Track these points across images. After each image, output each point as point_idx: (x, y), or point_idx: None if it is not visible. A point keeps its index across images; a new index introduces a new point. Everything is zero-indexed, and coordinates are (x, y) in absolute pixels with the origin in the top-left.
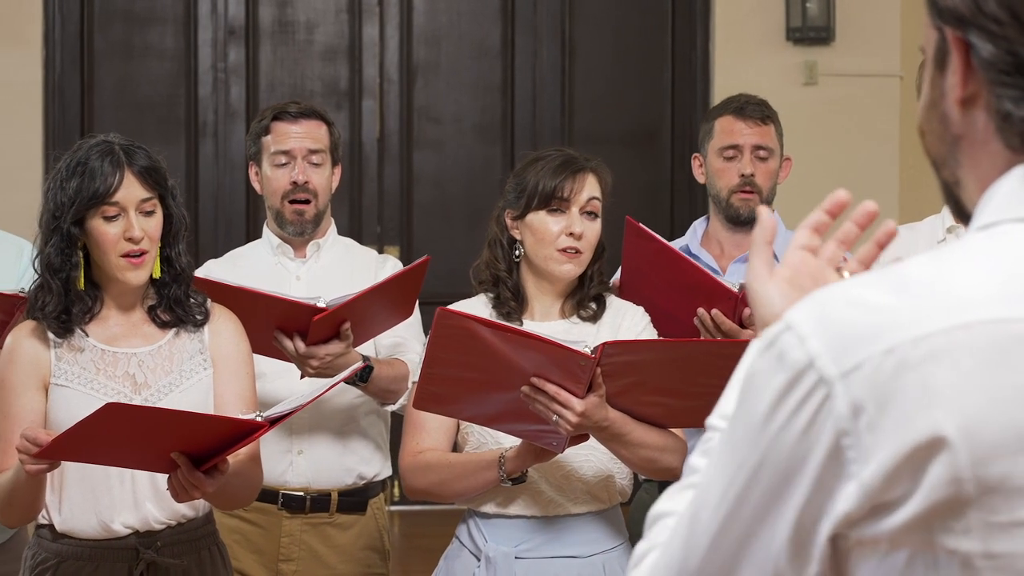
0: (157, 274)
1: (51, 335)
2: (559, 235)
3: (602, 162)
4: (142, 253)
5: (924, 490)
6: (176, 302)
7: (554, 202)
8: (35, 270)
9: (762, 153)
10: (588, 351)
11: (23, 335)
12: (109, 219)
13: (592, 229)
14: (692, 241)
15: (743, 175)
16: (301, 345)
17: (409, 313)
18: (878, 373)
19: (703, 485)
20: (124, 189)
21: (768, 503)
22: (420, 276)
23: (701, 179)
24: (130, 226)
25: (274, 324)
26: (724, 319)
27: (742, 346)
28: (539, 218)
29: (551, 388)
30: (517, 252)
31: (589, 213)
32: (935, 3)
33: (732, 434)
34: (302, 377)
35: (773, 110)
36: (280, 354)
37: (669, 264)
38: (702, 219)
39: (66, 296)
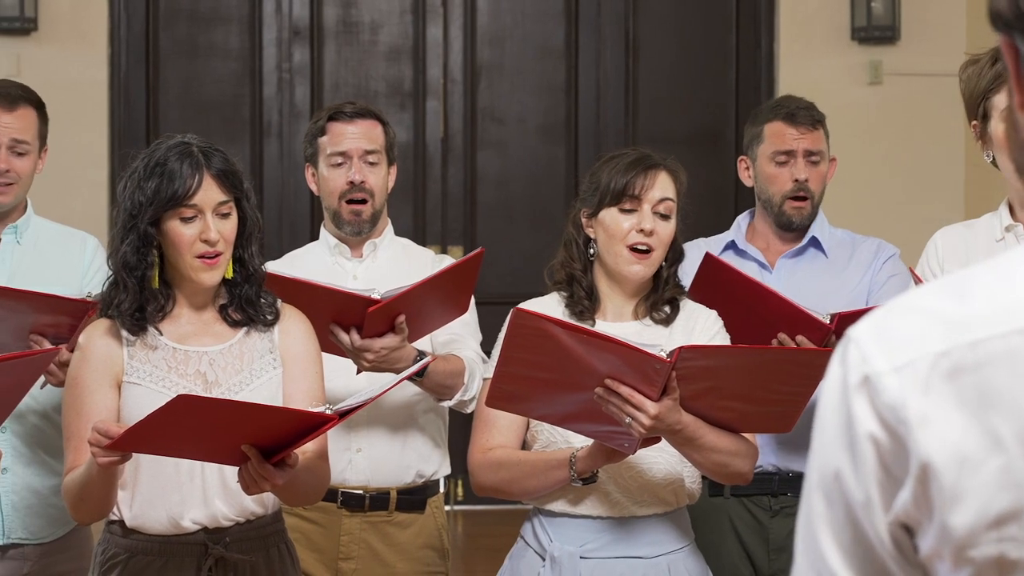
0: (230, 275)
1: (124, 333)
2: (629, 232)
3: (677, 162)
4: (217, 255)
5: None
6: (248, 302)
7: (625, 199)
8: (109, 268)
9: (814, 158)
10: (663, 355)
11: (96, 333)
12: (186, 220)
13: (664, 228)
14: (737, 236)
15: (797, 180)
16: (356, 338)
17: (464, 309)
18: (932, 373)
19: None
20: (202, 192)
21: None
22: (475, 269)
23: (748, 182)
24: (207, 228)
25: (330, 317)
26: (809, 344)
27: (821, 355)
28: (610, 215)
29: (625, 390)
30: (592, 251)
31: (662, 214)
32: (988, 9)
33: (813, 443)
34: (358, 372)
35: (821, 113)
36: (337, 349)
37: (754, 297)
38: (746, 213)
39: (140, 294)
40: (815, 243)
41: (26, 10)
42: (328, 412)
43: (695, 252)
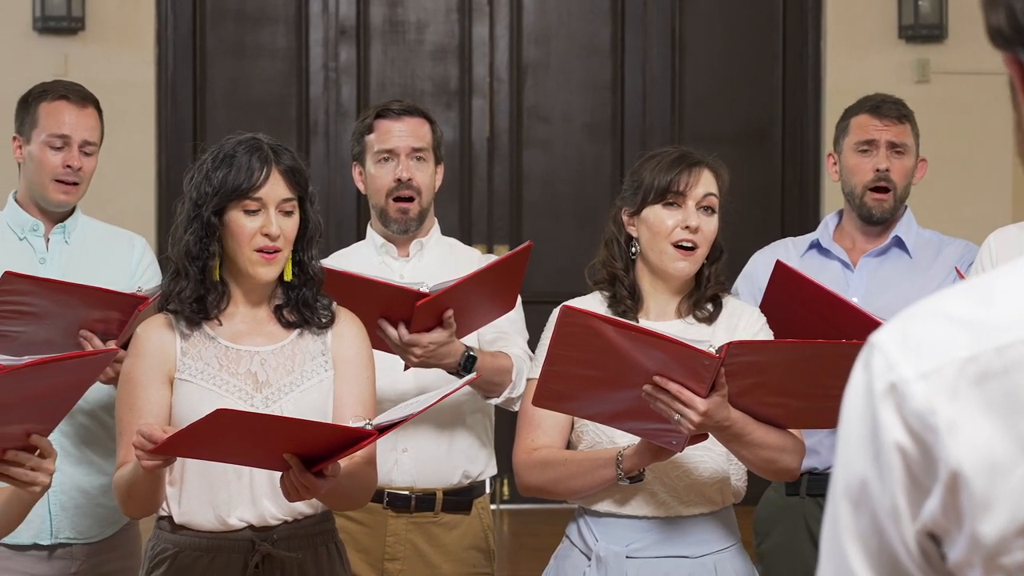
0: (289, 277)
1: (178, 330)
2: (674, 228)
3: (719, 159)
4: (276, 251)
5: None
6: (305, 304)
7: (669, 195)
8: (171, 258)
9: (898, 150)
10: (713, 351)
11: (150, 329)
12: (249, 213)
13: (708, 224)
14: (823, 235)
15: (878, 170)
16: (405, 332)
17: (512, 305)
18: (959, 379)
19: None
20: (268, 186)
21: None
22: (523, 263)
23: (835, 178)
24: (268, 222)
25: (379, 312)
26: None
27: None
28: (654, 212)
29: (674, 387)
30: (633, 250)
31: (705, 208)
32: (986, 28)
33: (837, 451)
34: (406, 368)
35: (910, 110)
36: (384, 345)
37: (826, 305)
38: (834, 213)
39: (202, 284)
40: (899, 243)
41: (73, 10)
42: (368, 427)
43: (780, 251)
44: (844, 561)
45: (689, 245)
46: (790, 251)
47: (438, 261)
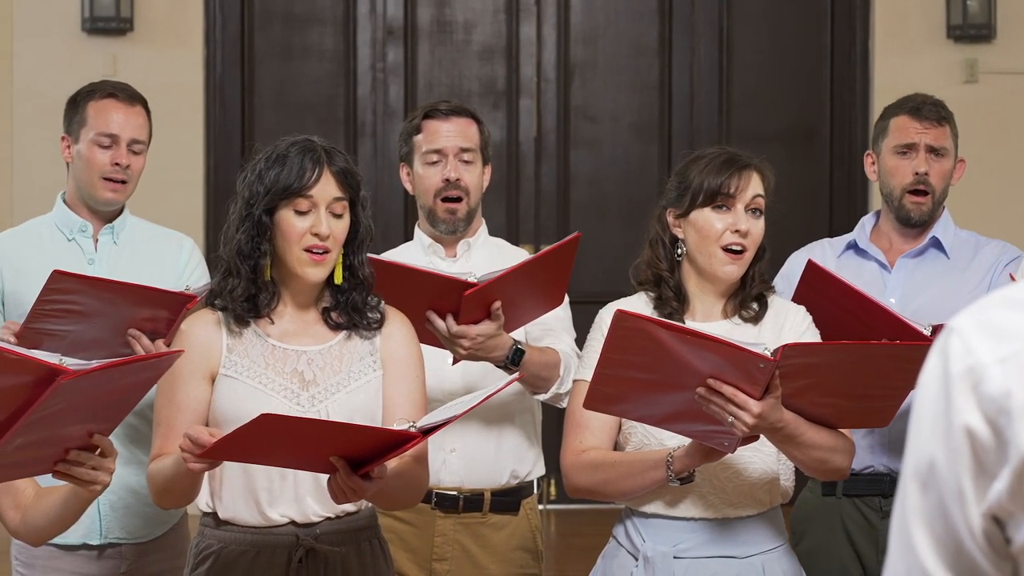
0: (339, 280)
1: (225, 326)
2: (724, 232)
3: (766, 160)
4: (325, 251)
5: None
6: (353, 308)
7: (720, 198)
8: (222, 256)
9: (937, 153)
10: (768, 353)
11: (198, 324)
12: (300, 213)
13: (756, 227)
14: (860, 236)
15: (917, 173)
16: (453, 324)
17: (560, 300)
18: None
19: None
20: (320, 186)
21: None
22: (571, 254)
23: (873, 177)
24: (319, 222)
25: (426, 303)
26: None
27: (922, 349)
28: (704, 215)
29: (728, 390)
30: (679, 251)
31: (753, 211)
32: None
33: (909, 433)
34: (454, 362)
35: (949, 111)
36: (431, 338)
37: (857, 306)
38: (871, 215)
39: (253, 282)
40: (936, 243)
41: (122, 11)
42: (412, 430)
43: (817, 251)
44: (910, 543)
45: (738, 248)
46: (827, 252)
47: (485, 261)
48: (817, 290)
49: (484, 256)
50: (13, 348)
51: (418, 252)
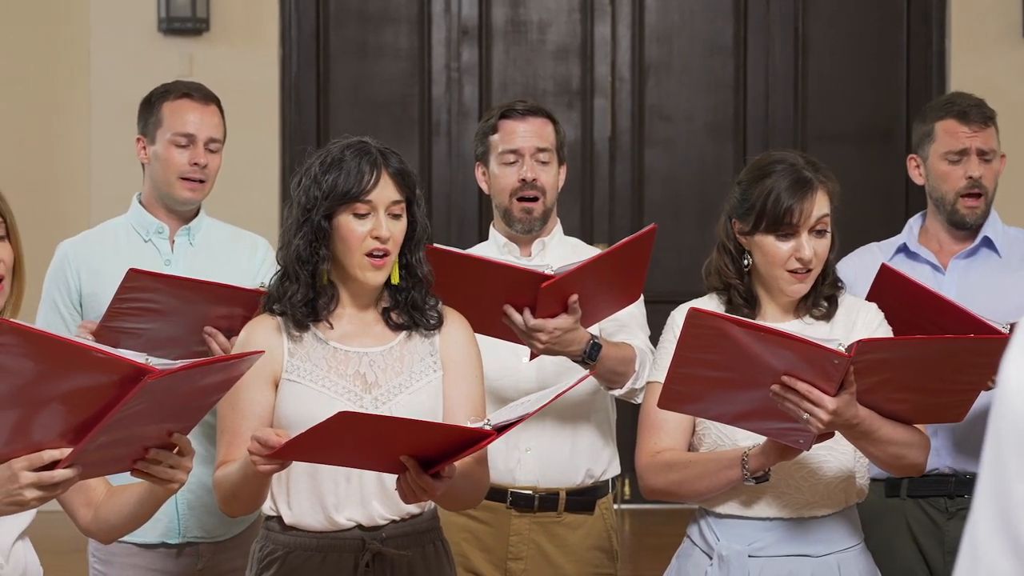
0: (396, 280)
1: (285, 330)
2: (788, 257)
3: (830, 172)
4: (385, 254)
5: None
6: (413, 306)
7: (783, 227)
8: (278, 262)
9: (987, 156)
10: (843, 349)
11: (258, 329)
12: (359, 217)
13: (821, 246)
14: (909, 238)
15: (971, 177)
16: (530, 318)
17: (636, 295)
18: None
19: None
20: (378, 189)
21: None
22: (648, 246)
23: (919, 180)
24: (378, 226)
25: (503, 297)
26: None
27: (997, 342)
28: (768, 240)
29: (802, 387)
30: (746, 262)
31: (819, 232)
32: None
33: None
34: (531, 358)
35: (992, 109)
36: (507, 333)
37: (931, 307)
38: (918, 216)
39: (312, 288)
40: (988, 243)
41: (198, 11)
42: (487, 428)
43: (867, 256)
44: (980, 553)
45: (804, 271)
46: (876, 256)
47: (560, 261)
48: (890, 294)
49: (558, 256)
50: (100, 347)
51: (493, 252)
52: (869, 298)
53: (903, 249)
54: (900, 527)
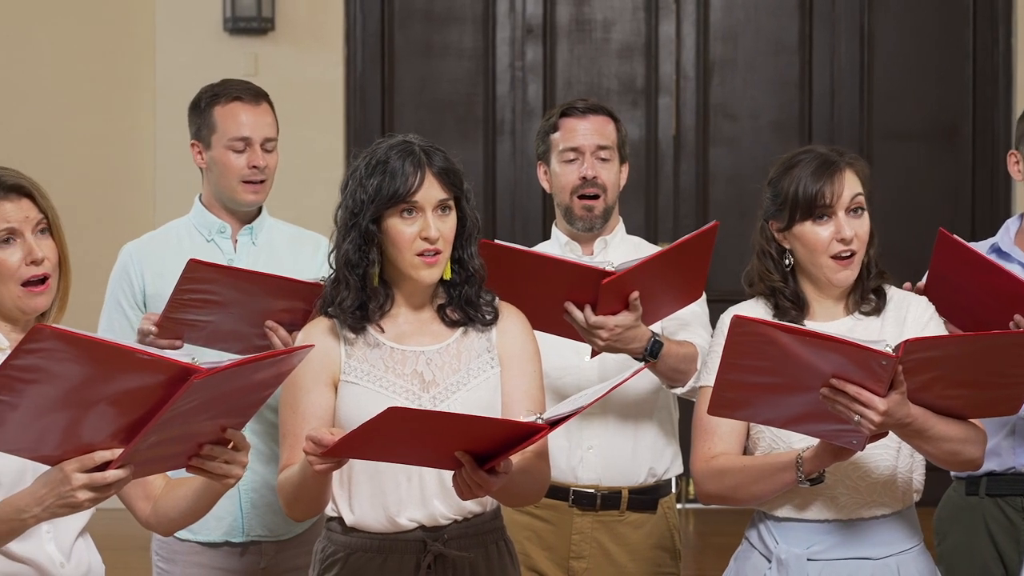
0: (448, 276)
1: (342, 332)
2: (830, 241)
3: (855, 154)
4: (436, 253)
5: None
6: (467, 302)
7: (818, 209)
8: (330, 265)
9: None
10: (890, 350)
11: (314, 333)
12: (407, 218)
13: (861, 227)
14: (1004, 239)
15: None
16: (591, 314)
17: (698, 294)
18: None
19: None
20: (423, 189)
21: None
22: (709, 243)
23: (1018, 177)
24: (427, 226)
25: (564, 294)
26: None
27: None
28: (806, 228)
29: (852, 388)
30: (788, 261)
31: (854, 211)
32: None
33: None
34: (592, 355)
35: None
36: (567, 329)
37: (985, 274)
38: (1016, 217)
39: (362, 291)
40: None
41: (263, 10)
42: (540, 422)
43: None
44: None
45: (847, 254)
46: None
47: (622, 259)
48: (950, 262)
49: (621, 254)
50: (146, 349)
51: (555, 250)
52: (932, 266)
53: (996, 249)
54: (978, 526)
